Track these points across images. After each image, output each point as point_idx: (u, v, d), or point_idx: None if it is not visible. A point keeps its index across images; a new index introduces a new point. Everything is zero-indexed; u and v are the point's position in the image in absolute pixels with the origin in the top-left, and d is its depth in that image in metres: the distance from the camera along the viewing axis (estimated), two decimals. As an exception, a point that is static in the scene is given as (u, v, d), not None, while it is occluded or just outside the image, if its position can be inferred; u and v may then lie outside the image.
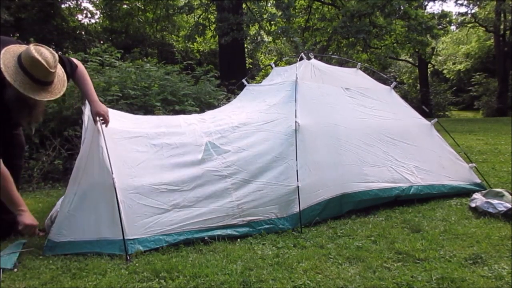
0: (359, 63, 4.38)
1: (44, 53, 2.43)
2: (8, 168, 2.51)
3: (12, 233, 2.91)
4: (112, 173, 2.57)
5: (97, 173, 2.66)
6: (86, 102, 3.04)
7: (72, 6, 17.07)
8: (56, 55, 2.54)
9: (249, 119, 3.44)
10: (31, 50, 2.40)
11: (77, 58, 5.70)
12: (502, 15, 19.84)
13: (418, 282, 2.12)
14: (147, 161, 2.89)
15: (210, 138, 3.16)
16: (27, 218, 2.56)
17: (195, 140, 3.13)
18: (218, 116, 3.59)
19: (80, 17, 17.73)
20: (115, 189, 2.54)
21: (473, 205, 3.34)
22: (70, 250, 2.57)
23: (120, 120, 3.17)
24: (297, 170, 3.03)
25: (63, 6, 16.18)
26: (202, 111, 5.19)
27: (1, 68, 2.35)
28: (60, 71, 2.60)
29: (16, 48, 2.49)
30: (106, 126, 2.80)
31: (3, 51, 2.42)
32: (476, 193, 3.51)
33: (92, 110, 2.79)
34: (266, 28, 13.41)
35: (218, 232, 2.80)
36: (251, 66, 19.09)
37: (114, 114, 3.30)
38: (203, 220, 2.78)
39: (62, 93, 2.58)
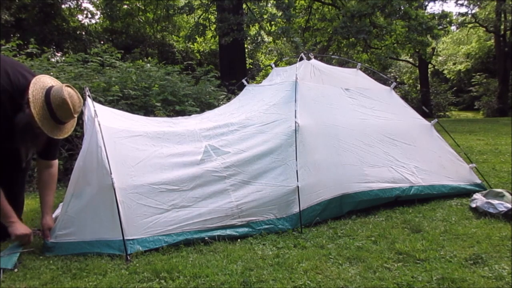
0: (359, 64, 4.37)
1: (74, 97, 2.54)
2: (13, 171, 2.50)
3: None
4: (111, 173, 2.56)
5: (96, 174, 2.65)
6: (85, 103, 3.02)
7: (72, 7, 17.10)
8: (82, 100, 2.63)
9: (248, 120, 3.44)
10: (63, 91, 2.48)
11: (77, 58, 5.80)
12: (502, 15, 19.84)
13: (419, 283, 2.12)
14: (147, 159, 2.88)
15: (210, 142, 3.16)
16: (18, 228, 2.54)
17: (195, 143, 3.13)
18: (217, 119, 3.58)
19: (80, 17, 17.80)
20: (114, 189, 2.54)
21: (473, 205, 3.34)
22: (69, 251, 2.57)
23: (120, 120, 3.17)
24: (297, 171, 3.03)
25: (63, 6, 16.21)
26: (202, 111, 5.19)
27: (29, 98, 2.40)
28: None
29: (46, 80, 2.56)
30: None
31: (33, 81, 2.48)
32: (477, 194, 3.51)
33: (44, 223, 2.68)
34: (267, 29, 13.41)
35: (218, 232, 2.80)
36: (251, 66, 19.10)
37: (114, 114, 3.31)
38: (203, 220, 2.78)
39: (70, 133, 2.66)
